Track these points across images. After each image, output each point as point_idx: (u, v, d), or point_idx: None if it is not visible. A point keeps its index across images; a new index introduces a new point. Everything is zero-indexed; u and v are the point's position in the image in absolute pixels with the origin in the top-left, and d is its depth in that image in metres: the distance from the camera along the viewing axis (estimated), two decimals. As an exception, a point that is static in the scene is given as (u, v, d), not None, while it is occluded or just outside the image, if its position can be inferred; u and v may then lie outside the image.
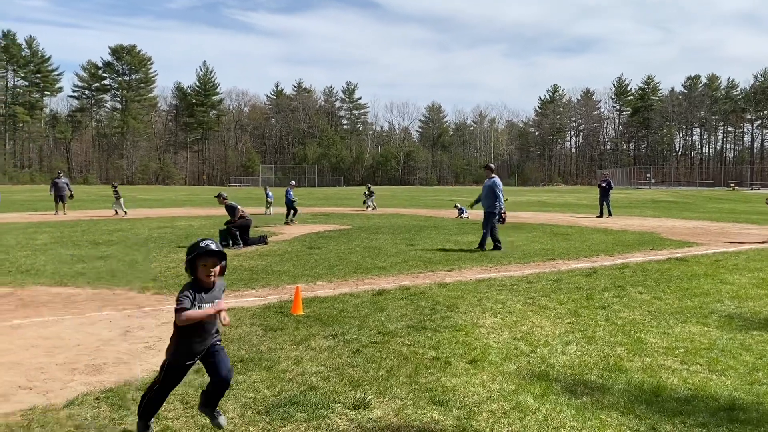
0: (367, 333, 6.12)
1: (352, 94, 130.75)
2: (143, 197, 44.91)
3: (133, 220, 21.42)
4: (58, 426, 3.83)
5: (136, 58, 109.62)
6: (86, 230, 17.29)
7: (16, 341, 5.84)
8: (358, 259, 11.60)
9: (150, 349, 5.59)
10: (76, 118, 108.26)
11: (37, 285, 8.86)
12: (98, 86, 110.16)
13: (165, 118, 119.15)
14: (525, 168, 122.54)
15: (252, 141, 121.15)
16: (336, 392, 4.45)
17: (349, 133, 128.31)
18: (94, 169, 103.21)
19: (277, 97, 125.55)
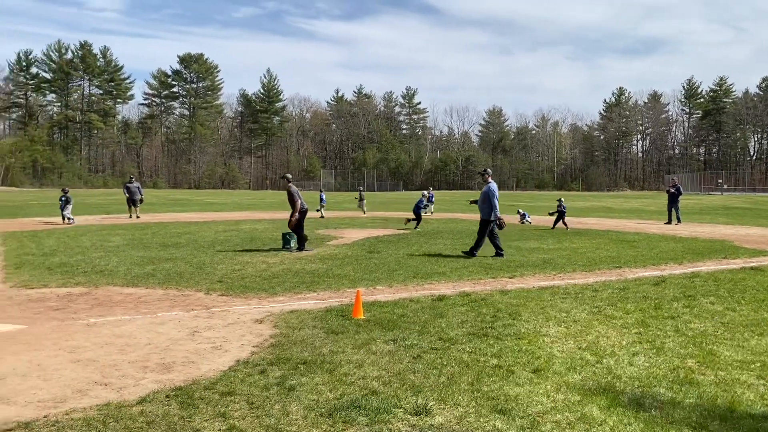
0: (427, 339, 6.10)
1: (411, 98, 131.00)
2: (209, 201, 46.27)
3: (200, 224, 22.09)
4: (131, 422, 3.99)
5: (204, 66, 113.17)
6: (156, 233, 17.95)
7: (92, 339, 6.12)
8: (417, 264, 11.59)
9: (216, 350, 5.74)
10: (146, 124, 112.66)
11: (111, 285, 9.26)
12: (167, 94, 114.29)
13: (230, 124, 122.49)
14: (589, 173, 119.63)
15: (313, 146, 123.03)
16: (397, 397, 4.46)
17: (408, 138, 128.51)
18: (163, 173, 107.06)
19: (337, 103, 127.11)
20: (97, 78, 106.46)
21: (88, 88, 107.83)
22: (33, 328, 6.54)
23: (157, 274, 10.27)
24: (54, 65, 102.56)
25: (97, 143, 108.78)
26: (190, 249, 13.86)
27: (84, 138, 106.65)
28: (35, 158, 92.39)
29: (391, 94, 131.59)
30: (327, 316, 7.03)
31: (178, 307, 7.67)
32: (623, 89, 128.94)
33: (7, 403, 4.33)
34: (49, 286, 9.13)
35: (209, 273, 10.40)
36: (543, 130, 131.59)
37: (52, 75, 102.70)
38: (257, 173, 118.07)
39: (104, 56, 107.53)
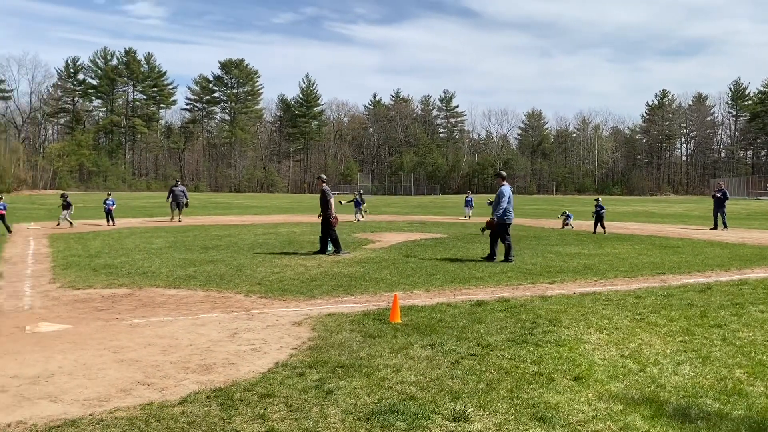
0: (465, 344, 6.05)
1: (449, 102, 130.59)
2: (249, 204, 46.91)
3: (240, 227, 22.41)
4: (172, 422, 4.05)
5: (244, 71, 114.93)
6: (197, 235, 18.28)
7: (135, 339, 6.25)
8: (455, 268, 11.52)
9: (256, 351, 5.80)
10: (188, 129, 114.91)
11: (154, 286, 9.45)
12: (209, 99, 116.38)
13: (269, 128, 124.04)
14: (631, 177, 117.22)
15: (350, 150, 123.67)
16: (435, 403, 4.43)
17: (445, 142, 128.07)
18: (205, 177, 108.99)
19: (375, 107, 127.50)
20: (141, 84, 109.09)
21: (132, 93, 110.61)
22: (79, 328, 6.72)
23: (199, 276, 10.45)
24: (100, 72, 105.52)
25: (141, 147, 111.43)
26: (231, 251, 14.06)
27: (128, 142, 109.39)
28: (82, 162, 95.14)
29: (428, 98, 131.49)
30: (364, 320, 7.03)
31: (219, 309, 7.78)
32: (666, 91, 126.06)
33: (55, 401, 4.45)
34: (95, 287, 9.37)
35: (249, 275, 10.52)
36: (583, 133, 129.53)
37: (99, 81, 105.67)
38: (295, 177, 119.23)
39: (148, 62, 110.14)
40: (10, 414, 4.18)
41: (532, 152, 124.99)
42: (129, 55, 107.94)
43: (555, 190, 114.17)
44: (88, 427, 3.95)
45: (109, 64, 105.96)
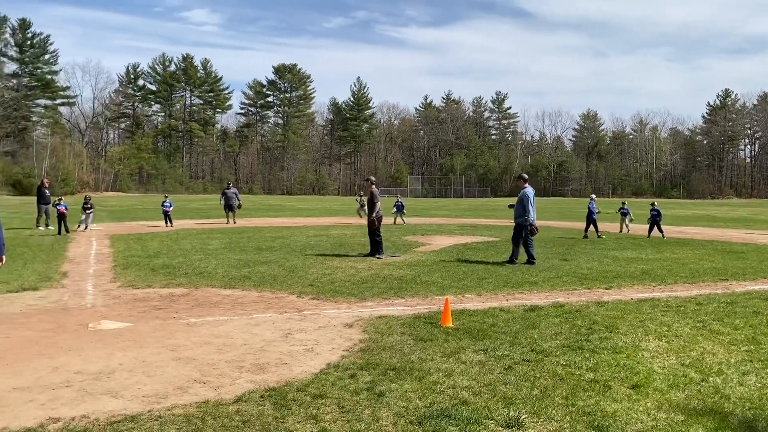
0: (519, 350, 5.95)
1: (501, 103, 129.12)
2: (301, 207, 47.52)
3: (292, 228, 22.71)
4: (227, 420, 4.12)
5: (297, 76, 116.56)
6: (251, 237, 18.61)
7: (192, 338, 6.40)
8: (507, 272, 11.36)
9: (308, 352, 5.85)
10: (243, 133, 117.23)
11: (210, 286, 9.67)
12: (262, 103, 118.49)
13: (321, 132, 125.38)
14: (691, 179, 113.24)
15: (400, 153, 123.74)
16: (488, 408, 4.37)
17: (497, 143, 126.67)
18: (258, 180, 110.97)
19: (425, 109, 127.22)
20: (198, 89, 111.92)
21: (189, 98, 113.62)
22: (138, 326, 6.92)
23: (253, 276, 10.63)
24: (159, 77, 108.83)
25: (198, 151, 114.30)
26: (283, 253, 14.26)
27: (185, 146, 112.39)
28: (141, 165, 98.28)
29: (480, 99, 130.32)
30: (415, 323, 7.00)
31: (272, 310, 7.89)
32: (729, 91, 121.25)
33: (115, 396, 4.60)
34: (153, 286, 9.65)
35: (301, 277, 10.64)
36: (641, 134, 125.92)
37: (157, 87, 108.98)
38: (346, 179, 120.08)
39: (205, 68, 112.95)
40: (74, 408, 4.34)
41: (587, 154, 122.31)
42: (186, 61, 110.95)
43: (611, 193, 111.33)
44: (146, 423, 4.06)
45: (167, 70, 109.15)
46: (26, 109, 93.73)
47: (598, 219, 20.00)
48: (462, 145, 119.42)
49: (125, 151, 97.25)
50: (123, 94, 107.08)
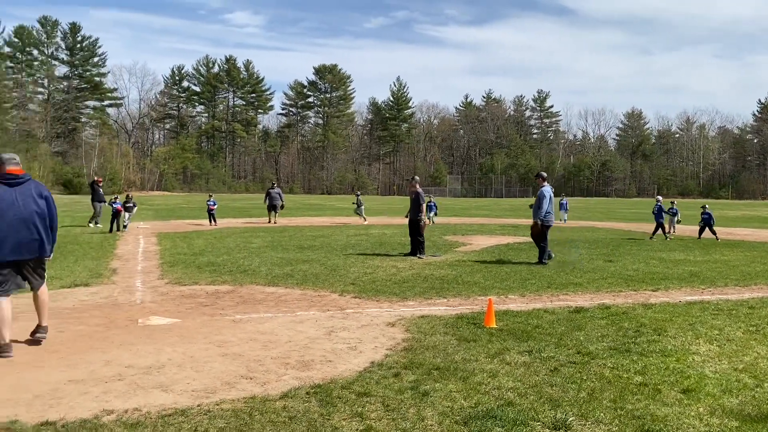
0: (564, 351, 5.87)
1: (543, 102, 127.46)
2: (340, 206, 47.79)
3: (332, 228, 22.87)
4: (274, 416, 4.18)
5: (337, 76, 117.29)
6: (293, 236, 18.82)
7: (238, 334, 6.51)
8: (551, 273, 11.21)
9: (352, 350, 5.89)
10: (284, 133, 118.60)
11: (254, 284, 9.81)
12: (303, 104, 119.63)
13: (360, 132, 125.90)
14: (741, 179, 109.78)
15: (440, 152, 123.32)
16: (534, 410, 4.32)
17: (538, 143, 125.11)
18: (299, 179, 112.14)
19: (465, 108, 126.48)
20: (241, 90, 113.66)
21: (232, 99, 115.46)
22: (186, 322, 7.07)
23: (295, 274, 10.74)
24: (203, 79, 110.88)
25: (240, 151, 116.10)
26: (324, 252, 14.37)
27: (228, 146, 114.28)
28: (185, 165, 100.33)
29: (521, 98, 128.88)
30: (458, 323, 6.97)
31: (315, 307, 7.96)
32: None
33: (166, 390, 4.70)
34: (199, 283, 9.85)
35: (342, 275, 10.71)
36: (687, 133, 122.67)
37: (201, 88, 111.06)
38: (385, 179, 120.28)
39: (247, 69, 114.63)
40: (126, 401, 4.46)
41: (631, 153, 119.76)
42: (229, 62, 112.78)
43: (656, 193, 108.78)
44: (196, 417, 4.14)
45: (211, 72, 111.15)
46: (76, 110, 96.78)
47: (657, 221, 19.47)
48: (503, 144, 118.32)
49: (170, 151, 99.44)
50: (168, 95, 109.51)
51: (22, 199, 5.72)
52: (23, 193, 5.75)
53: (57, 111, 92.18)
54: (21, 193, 5.73)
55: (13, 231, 5.64)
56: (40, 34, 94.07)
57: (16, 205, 5.67)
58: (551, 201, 12.96)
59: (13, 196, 5.68)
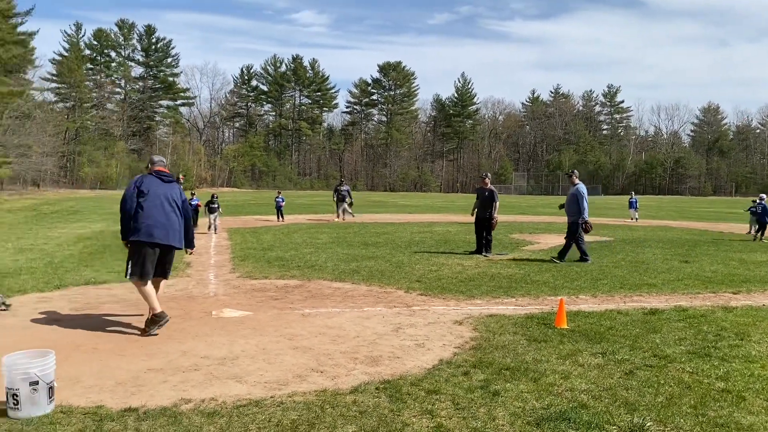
0: (640, 354, 5.67)
1: (613, 97, 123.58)
2: (403, 203, 47.88)
3: (396, 225, 22.93)
4: (345, 409, 4.22)
5: (401, 73, 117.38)
6: (357, 232, 18.98)
7: (307, 328, 6.62)
8: (623, 273, 10.87)
9: (419, 347, 5.88)
10: (348, 131, 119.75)
11: (321, 279, 9.95)
12: (367, 101, 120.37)
13: (424, 129, 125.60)
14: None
15: (505, 149, 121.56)
16: (610, 413, 4.20)
17: (608, 139, 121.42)
18: (362, 176, 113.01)
19: (532, 104, 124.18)
20: (307, 89, 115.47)
21: (298, 98, 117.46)
22: (257, 315, 7.25)
23: (361, 271, 10.83)
24: (270, 78, 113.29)
25: (305, 149, 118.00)
26: (389, 248, 14.42)
27: (294, 144, 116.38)
28: (254, 162, 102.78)
29: (590, 93, 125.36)
30: (528, 323, 6.86)
31: (381, 304, 8.00)
32: None
33: (240, 381, 4.83)
34: (269, 277, 10.07)
35: (408, 272, 10.72)
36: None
37: (269, 87, 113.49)
38: (448, 176, 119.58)
39: (313, 68, 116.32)
40: (203, 390, 4.61)
41: (707, 150, 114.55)
42: (296, 61, 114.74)
43: (734, 192, 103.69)
44: (269, 409, 4.23)
45: (278, 71, 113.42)
46: (150, 109, 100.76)
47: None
48: (571, 140, 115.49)
49: (239, 149, 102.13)
50: (237, 94, 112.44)
51: (172, 195, 6.50)
52: (170, 190, 6.53)
53: (133, 110, 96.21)
54: (169, 189, 6.53)
55: (165, 219, 6.36)
56: (117, 36, 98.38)
57: (168, 198, 6.44)
58: (587, 198, 12.67)
59: (165, 191, 6.47)
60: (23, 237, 16.34)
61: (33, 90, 62.12)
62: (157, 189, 6.41)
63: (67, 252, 13.14)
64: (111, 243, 15.04)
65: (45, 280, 9.46)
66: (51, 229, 19.19)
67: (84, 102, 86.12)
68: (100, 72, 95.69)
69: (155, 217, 6.30)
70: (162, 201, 6.39)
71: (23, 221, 22.49)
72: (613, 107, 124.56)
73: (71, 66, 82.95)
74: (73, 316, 7.09)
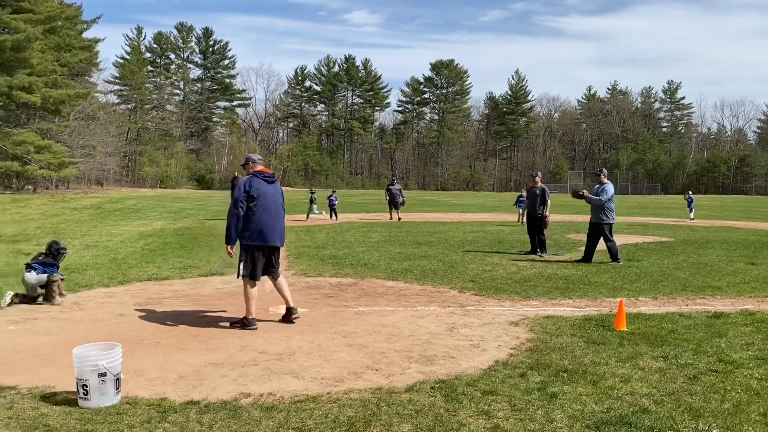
0: (704, 359, 5.48)
1: (673, 93, 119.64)
2: (455, 202, 47.64)
3: (448, 224, 22.82)
4: (401, 408, 4.23)
5: (454, 71, 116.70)
6: (409, 231, 18.99)
7: (362, 326, 6.67)
8: (685, 275, 10.51)
9: (474, 348, 5.84)
10: (399, 130, 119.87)
11: (374, 277, 10.00)
12: (419, 100, 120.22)
13: (476, 127, 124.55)
14: None
15: (560, 147, 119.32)
16: (673, 419, 4.07)
17: (668, 137, 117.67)
18: (413, 176, 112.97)
19: (588, 101, 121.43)
20: (359, 88, 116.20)
21: (351, 97, 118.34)
22: (313, 312, 7.35)
23: (414, 270, 10.83)
24: (323, 78, 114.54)
25: (357, 148, 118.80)
26: (441, 248, 14.37)
27: (346, 143, 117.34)
28: (307, 162, 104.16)
29: (649, 89, 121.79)
30: (586, 325, 6.71)
31: (435, 303, 7.98)
32: None
33: (297, 377, 4.91)
34: (323, 275, 10.19)
35: (461, 272, 10.65)
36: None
37: (322, 87, 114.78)
38: (501, 175, 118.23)
39: (365, 68, 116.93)
40: (261, 385, 4.71)
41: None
42: (348, 61, 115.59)
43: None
44: (326, 405, 4.29)
45: (331, 71, 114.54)
46: (208, 110, 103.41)
47: None
48: (629, 138, 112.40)
49: (293, 148, 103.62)
50: (291, 95, 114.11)
51: (276, 195, 6.67)
52: (275, 190, 6.70)
53: (191, 111, 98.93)
54: (274, 188, 6.69)
55: (274, 221, 6.56)
56: (176, 39, 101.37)
57: (275, 199, 6.63)
58: (613, 198, 12.28)
59: (273, 192, 6.63)
60: (88, 234, 17.02)
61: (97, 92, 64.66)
62: (266, 191, 6.55)
63: (130, 249, 13.62)
64: (171, 240, 15.52)
65: (109, 275, 9.83)
66: (114, 226, 19.93)
67: (145, 103, 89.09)
68: (160, 74, 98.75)
69: (267, 221, 6.49)
70: (270, 203, 6.55)
71: (88, 219, 23.43)
72: (673, 104, 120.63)
73: (133, 69, 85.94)
74: (137, 310, 7.35)
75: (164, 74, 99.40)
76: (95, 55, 60.74)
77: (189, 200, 42.36)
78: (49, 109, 44.41)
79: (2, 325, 6.52)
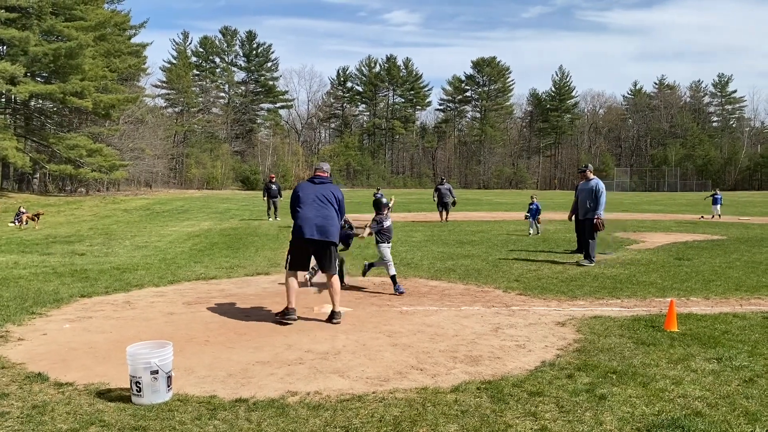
0: (760, 361, 5.30)
1: (724, 87, 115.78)
2: (498, 201, 47.20)
3: (491, 222, 22.62)
4: (446, 408, 4.22)
5: (496, 69, 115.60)
6: (452, 230, 18.91)
7: (406, 326, 6.67)
8: (739, 275, 10.18)
9: (520, 348, 5.78)
10: (441, 128, 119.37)
11: (417, 277, 10.01)
12: (461, 98, 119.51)
13: (519, 124, 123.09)
14: None
15: (606, 144, 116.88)
16: (728, 423, 3.95)
17: (719, 131, 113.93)
18: (455, 174, 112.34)
19: (635, 97, 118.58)
20: (400, 88, 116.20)
21: (392, 97, 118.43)
22: (357, 311, 7.39)
23: (457, 269, 10.78)
24: (365, 78, 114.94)
25: (398, 147, 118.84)
26: (485, 247, 14.26)
27: (387, 143, 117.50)
28: (348, 162, 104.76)
29: (698, 83, 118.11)
30: (635, 326, 6.57)
31: (479, 303, 7.93)
32: None
33: (342, 376, 4.95)
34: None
35: (505, 271, 10.55)
36: None
37: (363, 87, 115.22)
38: (545, 173, 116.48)
39: (406, 67, 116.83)
40: (308, 384, 4.76)
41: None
42: (389, 61, 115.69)
43: None
44: (372, 404, 4.31)
45: (372, 71, 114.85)
46: (252, 112, 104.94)
47: None
48: (677, 133, 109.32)
49: (335, 149, 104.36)
50: (333, 96, 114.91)
51: (321, 194, 7.08)
52: (321, 190, 7.13)
53: (236, 113, 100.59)
54: (320, 189, 7.15)
55: (313, 216, 6.91)
56: (221, 43, 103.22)
57: (315, 196, 7.05)
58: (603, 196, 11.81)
59: (314, 190, 7.12)
60: (138, 235, 17.50)
61: (145, 96, 66.39)
62: (307, 191, 7.11)
63: (179, 249, 13.95)
64: (218, 240, 15.82)
65: (159, 275, 10.09)
66: (163, 227, 20.44)
67: (191, 106, 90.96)
68: (206, 78, 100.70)
69: (304, 216, 6.91)
70: (311, 201, 6.99)
71: (138, 220, 24.10)
72: (724, 98, 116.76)
73: (179, 73, 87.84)
74: (186, 309, 7.52)
75: (209, 78, 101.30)
76: (143, 60, 62.27)
77: (234, 201, 43.11)
78: (99, 113, 45.77)
79: (58, 323, 6.77)
